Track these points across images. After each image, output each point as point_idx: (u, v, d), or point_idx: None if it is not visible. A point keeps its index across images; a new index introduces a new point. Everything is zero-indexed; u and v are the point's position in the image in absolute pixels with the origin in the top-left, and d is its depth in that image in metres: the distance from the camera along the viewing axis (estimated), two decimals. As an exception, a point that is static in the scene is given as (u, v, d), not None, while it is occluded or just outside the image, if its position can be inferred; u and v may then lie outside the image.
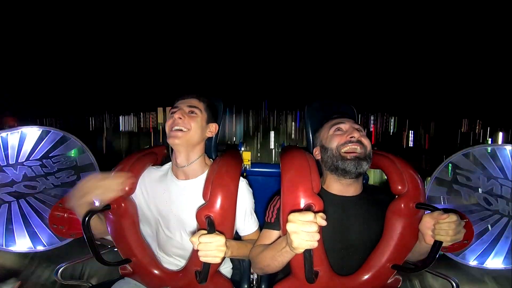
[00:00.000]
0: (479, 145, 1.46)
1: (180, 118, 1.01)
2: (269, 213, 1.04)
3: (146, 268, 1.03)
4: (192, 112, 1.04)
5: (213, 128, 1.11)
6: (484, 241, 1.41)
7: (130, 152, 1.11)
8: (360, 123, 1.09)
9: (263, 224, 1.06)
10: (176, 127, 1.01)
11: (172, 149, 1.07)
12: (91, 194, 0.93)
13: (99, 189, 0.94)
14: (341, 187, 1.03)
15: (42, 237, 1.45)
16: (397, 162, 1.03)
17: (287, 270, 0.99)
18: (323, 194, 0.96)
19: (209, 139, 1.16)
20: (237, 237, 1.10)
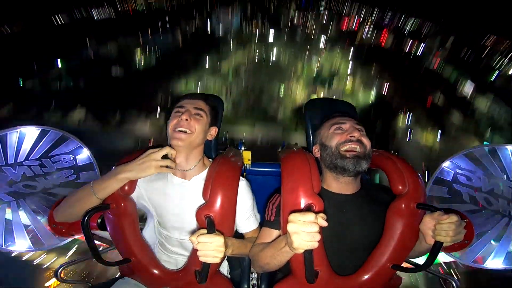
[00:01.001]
0: (479, 145, 1.46)
1: (187, 120, 1.01)
2: (269, 211, 1.03)
3: (145, 268, 1.03)
4: (198, 114, 1.04)
5: (213, 131, 1.12)
6: (484, 241, 1.41)
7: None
8: None
9: (263, 222, 1.06)
10: (181, 129, 1.00)
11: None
12: (154, 168, 0.94)
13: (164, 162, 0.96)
14: (339, 185, 1.03)
15: (42, 237, 1.45)
16: (397, 162, 1.02)
17: (287, 270, 0.99)
18: (322, 192, 0.96)
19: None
20: (238, 235, 1.10)
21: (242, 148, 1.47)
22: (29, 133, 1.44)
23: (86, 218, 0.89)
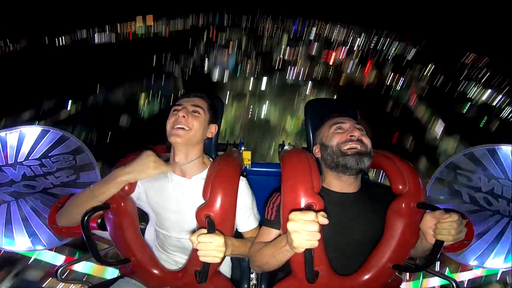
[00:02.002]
0: (479, 145, 1.46)
1: (184, 116, 1.01)
2: (269, 210, 1.03)
3: (145, 268, 1.03)
4: (196, 111, 1.05)
5: (213, 129, 1.12)
6: (484, 241, 1.41)
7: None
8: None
9: (263, 221, 1.06)
10: (179, 126, 1.01)
11: (171, 146, 1.07)
12: (153, 169, 0.96)
13: (158, 168, 0.98)
14: (341, 184, 1.03)
15: (42, 237, 1.45)
16: (397, 161, 1.03)
17: (287, 270, 0.98)
18: (323, 192, 0.95)
19: (209, 138, 1.16)
20: (237, 234, 1.10)
21: (242, 148, 1.46)
22: (29, 133, 1.44)
23: (86, 218, 0.89)
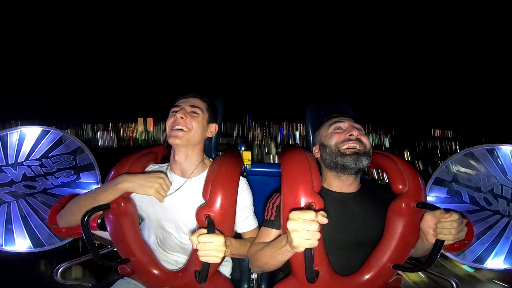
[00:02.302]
0: (479, 145, 1.46)
1: (182, 117, 1.01)
2: (268, 210, 1.03)
3: (145, 268, 1.03)
4: (194, 112, 1.05)
5: (213, 128, 1.12)
6: (484, 241, 1.41)
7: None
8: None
9: (262, 222, 1.06)
10: (177, 127, 1.01)
11: (171, 147, 1.07)
12: (154, 190, 0.97)
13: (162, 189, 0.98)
14: (340, 183, 1.03)
15: (42, 237, 1.45)
16: (397, 161, 1.03)
17: (287, 270, 0.98)
18: (322, 192, 0.96)
19: (209, 139, 1.16)
20: (236, 235, 1.10)
21: (242, 148, 1.47)
22: (30, 133, 1.44)
23: (86, 218, 0.89)
